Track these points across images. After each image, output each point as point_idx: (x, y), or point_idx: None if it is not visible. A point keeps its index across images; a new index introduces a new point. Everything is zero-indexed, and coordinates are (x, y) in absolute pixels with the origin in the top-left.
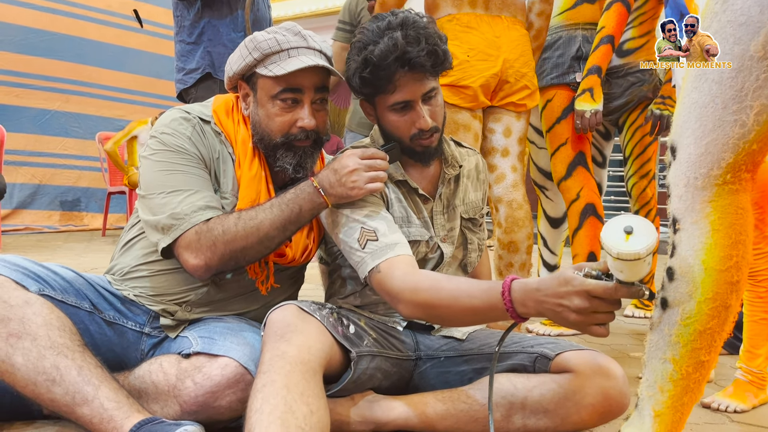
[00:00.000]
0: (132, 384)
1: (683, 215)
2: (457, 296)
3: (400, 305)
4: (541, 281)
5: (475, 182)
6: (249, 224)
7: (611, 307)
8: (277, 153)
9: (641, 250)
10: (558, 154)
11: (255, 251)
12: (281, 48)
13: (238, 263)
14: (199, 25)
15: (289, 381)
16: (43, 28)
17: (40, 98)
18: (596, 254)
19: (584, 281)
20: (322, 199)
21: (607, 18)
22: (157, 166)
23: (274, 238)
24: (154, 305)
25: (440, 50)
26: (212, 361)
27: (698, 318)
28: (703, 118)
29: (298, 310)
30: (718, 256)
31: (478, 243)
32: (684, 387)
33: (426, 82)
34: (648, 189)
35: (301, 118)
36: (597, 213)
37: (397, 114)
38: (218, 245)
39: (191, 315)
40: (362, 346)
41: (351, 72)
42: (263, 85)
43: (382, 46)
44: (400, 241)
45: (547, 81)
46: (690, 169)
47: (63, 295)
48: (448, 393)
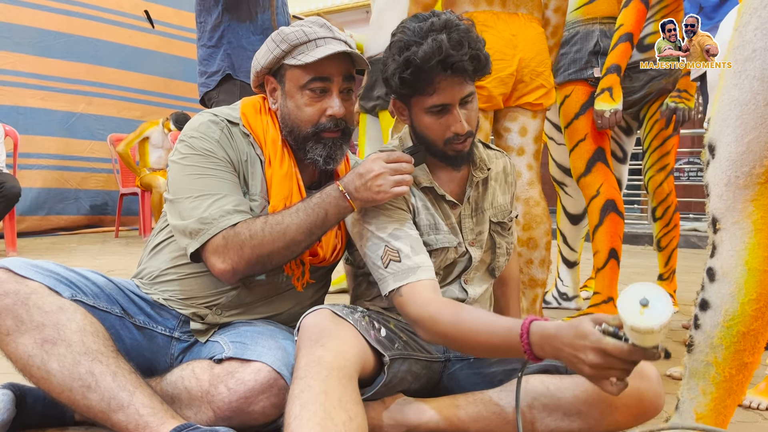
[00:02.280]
0: (164, 390)
1: (724, 215)
2: (477, 331)
3: (419, 330)
4: (560, 328)
5: (503, 185)
6: (276, 228)
7: (626, 366)
8: (307, 145)
9: (655, 325)
10: (577, 150)
11: (281, 255)
12: (308, 39)
13: (265, 267)
14: (219, 28)
15: (327, 387)
16: (58, 29)
17: (64, 101)
18: (617, 251)
19: (600, 338)
20: (348, 203)
21: (626, 15)
22: (186, 170)
23: (300, 243)
24: (185, 309)
25: (482, 55)
26: (245, 366)
27: (741, 319)
28: (744, 116)
29: (332, 314)
30: (761, 257)
31: (506, 247)
32: (727, 389)
33: (465, 87)
34: (665, 184)
35: (330, 106)
36: (617, 209)
37: (434, 117)
38: (245, 249)
39: (222, 318)
40: (393, 349)
41: (390, 71)
42: (292, 76)
43: (426, 48)
44: (423, 264)
45: (565, 77)
46: (731, 168)
47: (95, 300)
48: (479, 395)
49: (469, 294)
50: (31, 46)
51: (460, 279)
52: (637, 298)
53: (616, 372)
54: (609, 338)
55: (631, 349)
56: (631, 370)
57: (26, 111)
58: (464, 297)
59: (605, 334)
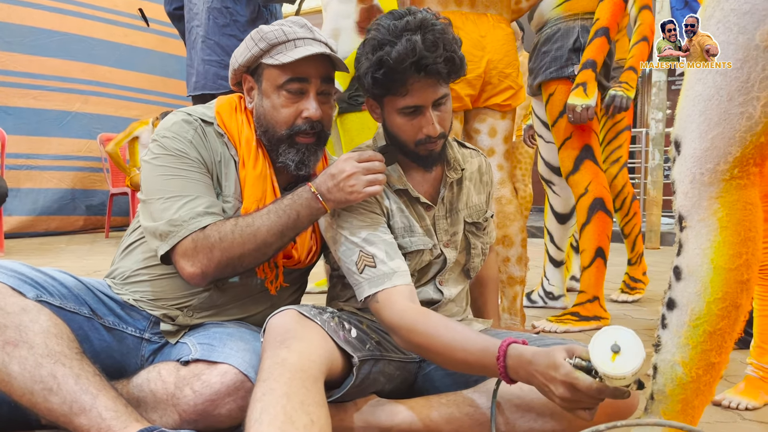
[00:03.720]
0: (131, 392)
1: (690, 212)
2: (452, 348)
3: (395, 337)
4: (535, 355)
5: (478, 185)
6: (246, 231)
7: (595, 401)
8: (280, 148)
9: (627, 373)
10: (564, 148)
11: (252, 258)
12: (287, 38)
13: (236, 270)
14: (256, 23)
15: (290, 389)
16: (51, 28)
17: (59, 100)
18: (604, 250)
19: (570, 372)
20: (321, 204)
21: (602, 9)
22: (158, 171)
23: (271, 245)
24: (155, 310)
25: (457, 57)
26: (211, 369)
27: (708, 319)
28: (708, 112)
29: (299, 315)
30: (727, 254)
31: (481, 248)
32: (694, 390)
33: (439, 89)
34: (619, 176)
35: (306, 108)
36: (606, 208)
37: (406, 117)
38: (215, 252)
39: (193, 320)
40: (364, 350)
41: (362, 70)
42: (269, 75)
43: (399, 48)
44: (399, 269)
45: (546, 75)
46: (696, 165)
47: (61, 301)
48: (453, 396)
49: (444, 295)
50: (24, 44)
51: (435, 280)
52: (608, 344)
53: (585, 404)
54: (580, 373)
55: (600, 387)
56: (599, 403)
57: (16, 111)
58: (439, 298)
59: (577, 368)
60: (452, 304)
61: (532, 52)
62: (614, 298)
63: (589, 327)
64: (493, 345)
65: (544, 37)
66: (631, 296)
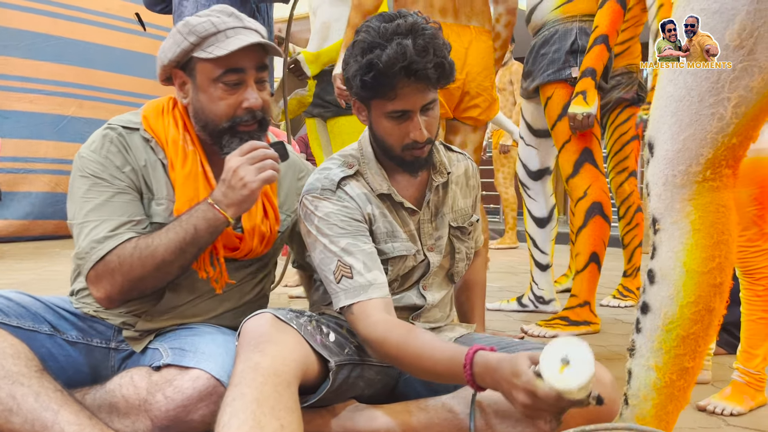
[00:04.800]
0: (103, 398)
1: (662, 215)
2: (421, 357)
3: (368, 349)
4: (500, 362)
5: (464, 188)
6: (144, 252)
7: (556, 410)
8: (223, 140)
9: (573, 387)
10: (564, 151)
11: (154, 278)
12: (218, 29)
13: (142, 291)
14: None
15: (261, 394)
16: (47, 32)
17: (54, 104)
18: (599, 255)
19: (531, 380)
20: (218, 213)
21: (601, 16)
22: (73, 193)
23: (172, 263)
24: (113, 318)
25: (447, 63)
26: (183, 374)
27: (681, 323)
28: (679, 113)
29: (274, 318)
30: (699, 258)
31: (466, 252)
32: (668, 395)
33: (427, 94)
34: (626, 185)
35: (246, 98)
36: (603, 212)
37: (393, 122)
38: (116, 277)
39: (154, 323)
40: (343, 354)
41: (351, 72)
42: (203, 69)
43: (389, 52)
44: (376, 281)
45: (545, 78)
46: (668, 167)
47: (18, 320)
48: (432, 401)
49: (428, 300)
50: (20, 48)
51: (419, 285)
52: (559, 356)
53: (547, 413)
54: (539, 381)
55: (558, 396)
56: (562, 413)
57: (12, 114)
58: (422, 303)
59: (537, 375)
60: (436, 309)
61: (529, 55)
62: (604, 304)
63: (578, 332)
64: (461, 353)
65: (542, 39)
66: (623, 302)
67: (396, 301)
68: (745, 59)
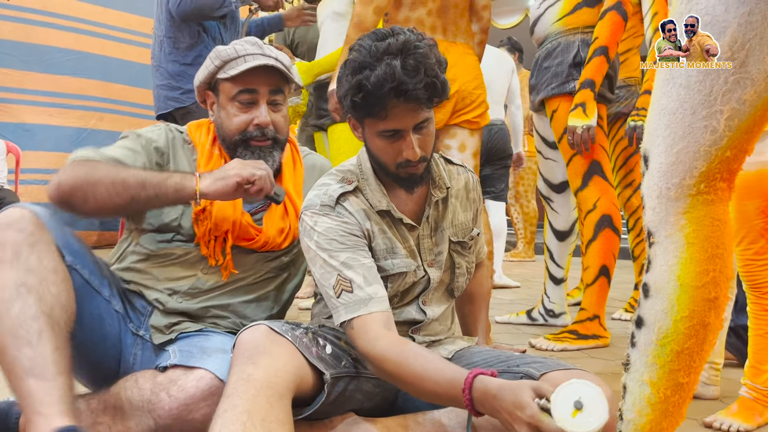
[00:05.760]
0: (108, 401)
1: (657, 228)
2: (421, 378)
3: (368, 365)
4: (501, 388)
5: (464, 202)
6: (117, 167)
7: None
8: (237, 151)
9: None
10: (572, 164)
11: (105, 189)
12: (238, 55)
13: (86, 196)
14: (196, 48)
15: (252, 406)
16: (67, 47)
17: (74, 117)
18: (609, 269)
19: (535, 414)
20: (194, 183)
21: (601, 28)
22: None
23: (127, 187)
24: (149, 293)
25: (439, 82)
26: (188, 374)
27: (675, 337)
28: (673, 125)
29: (269, 330)
30: (693, 272)
31: (466, 267)
32: (663, 411)
33: (420, 113)
34: (633, 198)
35: (256, 116)
36: (613, 225)
37: (386, 140)
38: (79, 171)
39: (182, 305)
40: (340, 367)
41: (342, 92)
42: (223, 88)
43: (378, 73)
44: (376, 295)
45: (549, 92)
46: (662, 179)
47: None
48: (429, 415)
49: (428, 315)
50: (42, 63)
51: (418, 300)
52: (572, 399)
53: None
54: (546, 416)
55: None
56: None
57: (33, 128)
58: (422, 318)
59: (543, 410)
60: (436, 323)
61: (533, 68)
62: (615, 317)
63: (587, 346)
64: (461, 376)
65: (545, 52)
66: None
67: (395, 316)
68: (737, 72)
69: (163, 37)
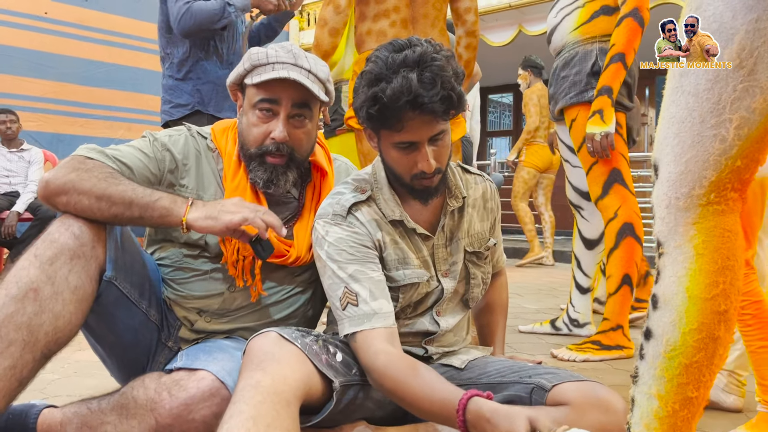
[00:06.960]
0: (116, 401)
1: (666, 238)
2: (418, 396)
3: (370, 379)
4: (495, 415)
5: (481, 211)
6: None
7: None
8: (251, 165)
9: None
10: (592, 172)
11: (88, 200)
12: (268, 61)
13: (69, 199)
14: (187, 63)
15: (258, 413)
16: (100, 59)
17: (103, 127)
18: (631, 277)
19: None
20: (183, 209)
21: (618, 35)
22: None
23: (113, 204)
24: (179, 311)
25: (455, 95)
26: (190, 375)
27: (683, 350)
28: (682, 134)
29: (278, 337)
30: (703, 283)
31: (482, 277)
32: (671, 425)
33: (436, 125)
34: None
35: (273, 129)
36: (635, 233)
37: (401, 152)
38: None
39: (210, 325)
40: (350, 375)
41: (358, 103)
42: (248, 93)
43: (394, 86)
44: (381, 310)
45: (567, 101)
46: (671, 189)
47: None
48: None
49: (441, 326)
50: (76, 75)
51: (432, 311)
52: None
53: None
54: None
55: None
56: None
57: (66, 138)
58: (436, 329)
59: None
60: (450, 334)
61: (552, 77)
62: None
63: (610, 357)
64: (456, 397)
65: (563, 61)
66: None
67: (409, 327)
68: (745, 80)
69: (162, 53)
